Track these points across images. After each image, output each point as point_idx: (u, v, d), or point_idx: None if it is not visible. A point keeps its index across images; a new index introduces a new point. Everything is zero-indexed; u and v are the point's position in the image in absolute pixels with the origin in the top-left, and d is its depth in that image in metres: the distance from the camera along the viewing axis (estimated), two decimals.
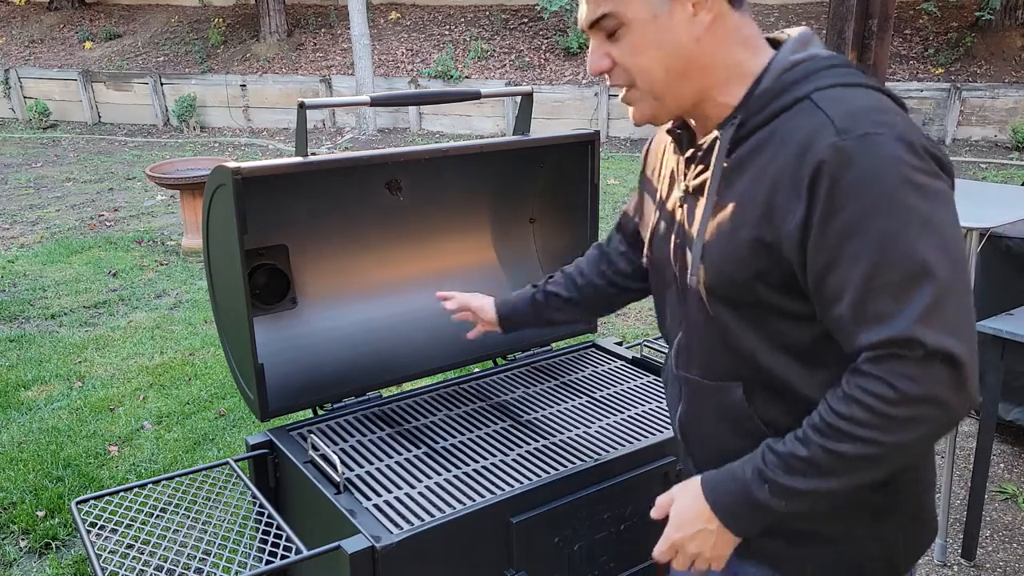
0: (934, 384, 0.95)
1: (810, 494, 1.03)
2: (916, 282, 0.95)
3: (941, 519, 2.70)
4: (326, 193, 1.98)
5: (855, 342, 0.99)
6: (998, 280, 3.17)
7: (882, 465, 1.01)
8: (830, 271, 0.99)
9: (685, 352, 1.22)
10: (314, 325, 2.03)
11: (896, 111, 1.01)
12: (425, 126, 11.75)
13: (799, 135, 1.00)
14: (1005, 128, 9.37)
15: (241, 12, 14.64)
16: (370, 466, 1.73)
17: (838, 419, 1.00)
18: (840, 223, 0.97)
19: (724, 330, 1.13)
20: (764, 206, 1.03)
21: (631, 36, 1.06)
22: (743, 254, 1.05)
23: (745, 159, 1.06)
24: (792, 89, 1.03)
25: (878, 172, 0.95)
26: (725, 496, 1.10)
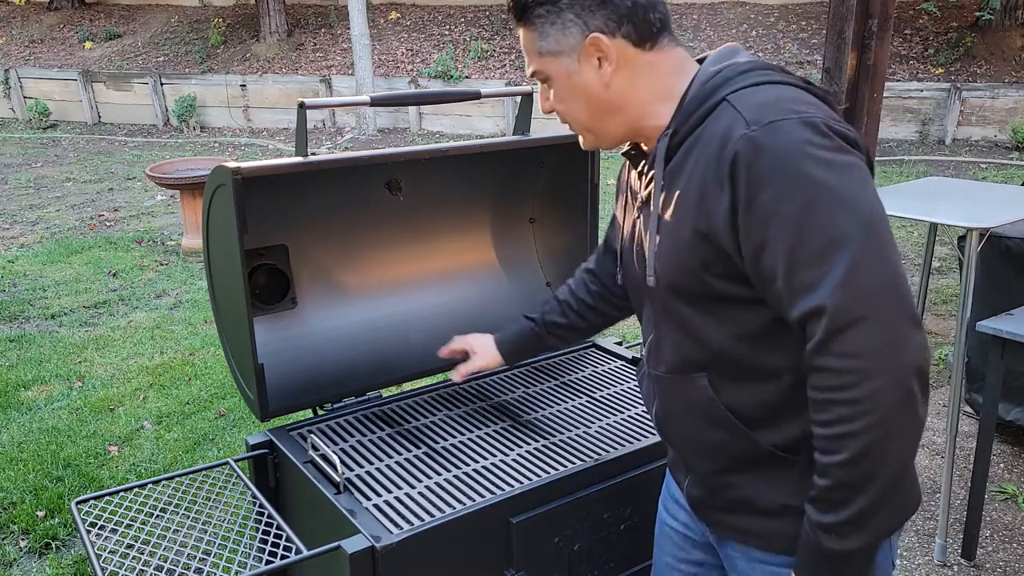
0: (865, 349, 1.01)
1: (871, 510, 1.06)
2: (833, 250, 1.02)
3: (941, 519, 2.70)
4: (326, 193, 1.98)
5: (791, 314, 1.06)
6: (998, 280, 3.17)
7: (896, 442, 1.03)
8: (761, 252, 1.07)
9: (656, 351, 1.30)
10: (314, 325, 2.03)
11: (807, 100, 1.10)
12: (425, 126, 11.75)
13: (718, 133, 1.10)
14: (1005, 128, 9.37)
15: (241, 12, 14.64)
16: (370, 466, 1.73)
17: (826, 428, 1.05)
18: (761, 206, 1.05)
19: (683, 324, 1.21)
20: (697, 200, 1.12)
21: (556, 88, 1.24)
22: (687, 247, 1.15)
23: (680, 163, 1.17)
24: (713, 95, 1.14)
25: (786, 154, 1.04)
26: (809, 566, 1.13)
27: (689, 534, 1.46)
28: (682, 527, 1.47)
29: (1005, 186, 3.24)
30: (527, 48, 1.25)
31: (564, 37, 1.19)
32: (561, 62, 1.21)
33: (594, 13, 1.16)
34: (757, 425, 1.20)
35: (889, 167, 8.65)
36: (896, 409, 1.02)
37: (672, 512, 1.50)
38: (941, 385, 3.91)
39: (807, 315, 1.04)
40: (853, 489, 1.05)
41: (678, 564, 1.49)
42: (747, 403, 1.19)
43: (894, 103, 9.64)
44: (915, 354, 1.02)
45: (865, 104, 3.19)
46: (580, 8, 1.17)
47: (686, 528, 1.46)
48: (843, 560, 1.09)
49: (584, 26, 1.17)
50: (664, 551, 1.52)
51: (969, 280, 2.60)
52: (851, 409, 1.02)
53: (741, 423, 1.20)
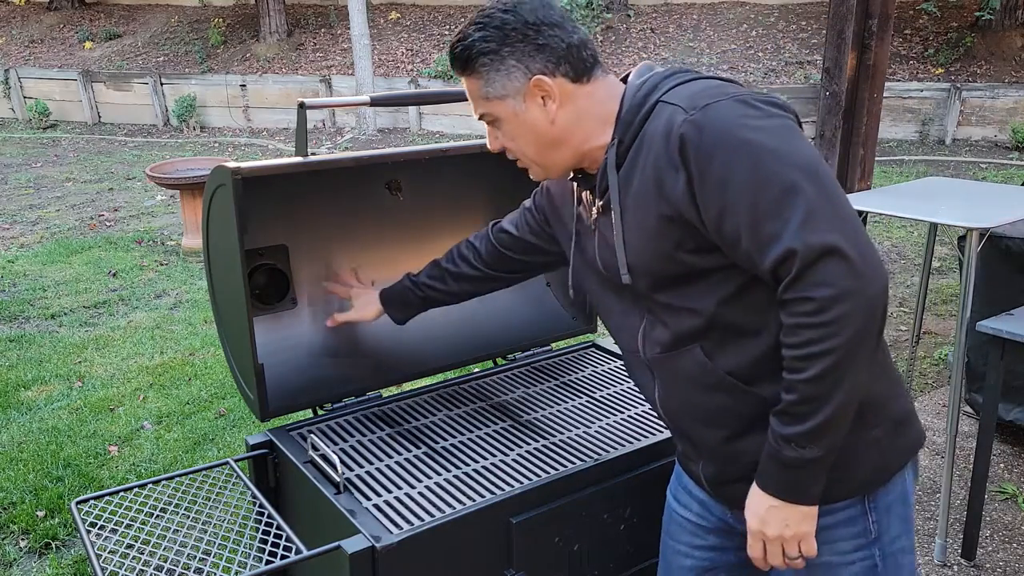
0: (836, 279, 1.11)
1: (828, 423, 1.17)
2: (788, 199, 1.13)
3: (941, 519, 2.70)
4: (326, 193, 1.98)
5: (763, 265, 1.16)
6: (998, 280, 3.17)
7: (853, 363, 1.14)
8: (723, 219, 1.17)
9: (647, 337, 1.37)
10: (314, 325, 2.03)
11: (729, 85, 1.24)
12: (425, 126, 11.75)
13: (661, 127, 1.22)
14: (1005, 128, 9.37)
15: (241, 12, 14.64)
16: (370, 466, 1.73)
17: (796, 350, 1.15)
18: (713, 177, 1.16)
19: (669, 305, 1.31)
20: (655, 189, 1.23)
21: (504, 128, 1.35)
22: (656, 234, 1.25)
23: (631, 166, 1.28)
24: (646, 101, 1.26)
25: (725, 127, 1.16)
26: (768, 474, 1.25)
27: (702, 522, 1.50)
28: (695, 516, 1.51)
29: (1005, 186, 3.24)
30: (473, 94, 1.35)
31: (509, 81, 1.29)
32: (507, 104, 1.31)
33: (534, 58, 1.28)
34: (756, 381, 1.27)
35: (889, 167, 8.65)
36: (861, 330, 1.12)
37: (684, 503, 1.53)
38: (941, 385, 3.91)
39: (778, 261, 1.14)
40: (816, 403, 1.16)
41: (692, 551, 1.52)
42: (742, 363, 1.27)
43: (894, 103, 9.64)
44: (878, 280, 1.13)
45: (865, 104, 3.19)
46: (520, 55, 1.27)
47: (699, 517, 1.50)
48: (800, 467, 1.21)
49: (526, 70, 1.28)
50: (676, 539, 1.55)
51: (969, 280, 2.60)
52: (821, 331, 1.12)
53: (740, 383, 1.27)
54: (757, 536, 1.29)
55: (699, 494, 1.49)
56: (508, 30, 1.27)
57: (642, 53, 11.67)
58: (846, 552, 1.34)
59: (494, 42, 1.27)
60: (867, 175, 3.33)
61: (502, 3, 1.29)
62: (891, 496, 1.34)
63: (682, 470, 1.54)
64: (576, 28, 1.30)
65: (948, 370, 4.02)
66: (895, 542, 1.35)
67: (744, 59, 11.12)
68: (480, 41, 1.28)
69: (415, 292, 1.85)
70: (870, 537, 1.33)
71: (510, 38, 1.27)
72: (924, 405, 3.73)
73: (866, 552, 1.34)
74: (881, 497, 1.33)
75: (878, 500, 1.33)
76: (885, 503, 1.33)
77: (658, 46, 11.78)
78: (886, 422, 1.31)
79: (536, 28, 1.27)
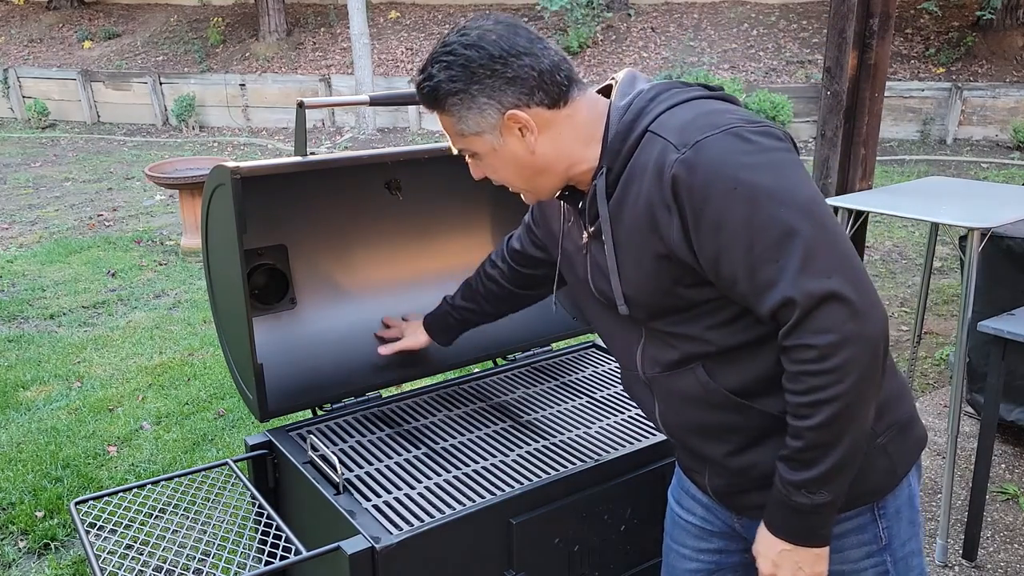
0: (837, 324, 1.09)
1: (837, 467, 1.15)
2: (785, 243, 1.10)
3: (942, 519, 2.69)
4: (325, 193, 1.98)
5: (761, 311, 1.14)
6: (999, 280, 3.16)
7: (860, 406, 1.13)
8: (719, 262, 1.14)
9: (646, 357, 1.35)
10: (313, 325, 2.02)
11: (722, 110, 1.19)
12: (425, 126, 11.74)
13: (652, 162, 1.17)
14: (1006, 128, 9.36)
15: (240, 11, 14.64)
16: (370, 467, 1.73)
17: (801, 397, 1.14)
18: (708, 220, 1.13)
19: (668, 332, 1.29)
20: (649, 226, 1.20)
21: (485, 161, 1.30)
22: (653, 272, 1.22)
23: (621, 197, 1.24)
24: (633, 128, 1.21)
25: (718, 167, 1.12)
26: (780, 520, 1.23)
27: (707, 526, 1.49)
28: (699, 520, 1.50)
29: (1006, 186, 3.24)
30: (448, 130, 1.30)
31: (483, 118, 1.24)
32: (484, 139, 1.26)
33: (505, 92, 1.21)
34: (758, 397, 1.25)
35: (890, 167, 8.65)
36: (865, 374, 1.11)
37: (688, 507, 1.52)
38: (942, 385, 3.91)
39: (777, 308, 1.12)
40: (824, 449, 1.15)
41: (697, 555, 1.51)
42: (744, 380, 1.25)
43: (895, 103, 9.64)
44: (879, 322, 1.11)
45: (866, 103, 3.19)
46: (491, 91, 1.21)
47: (704, 520, 1.49)
48: (811, 512, 1.19)
49: (499, 105, 1.22)
50: (679, 543, 1.54)
51: (970, 280, 2.59)
52: (825, 379, 1.10)
53: (743, 399, 1.25)
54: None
55: (703, 498, 1.48)
56: (474, 68, 1.20)
57: (642, 53, 11.67)
58: (857, 560, 1.33)
59: (461, 81, 1.21)
60: (868, 175, 3.33)
61: (463, 36, 1.21)
62: (899, 500, 1.33)
63: (684, 477, 1.53)
64: (546, 50, 1.22)
65: (949, 370, 4.02)
66: (905, 546, 1.35)
67: (745, 58, 11.12)
68: (447, 81, 1.22)
69: (453, 316, 1.88)
70: (881, 544, 1.32)
71: (477, 75, 1.20)
72: (925, 405, 3.72)
73: (877, 559, 1.33)
74: (890, 502, 1.32)
75: (887, 506, 1.32)
76: (894, 507, 1.33)
77: (659, 45, 11.78)
78: (892, 427, 1.30)
79: (503, 61, 1.19)
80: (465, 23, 1.24)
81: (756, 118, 1.19)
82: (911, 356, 3.58)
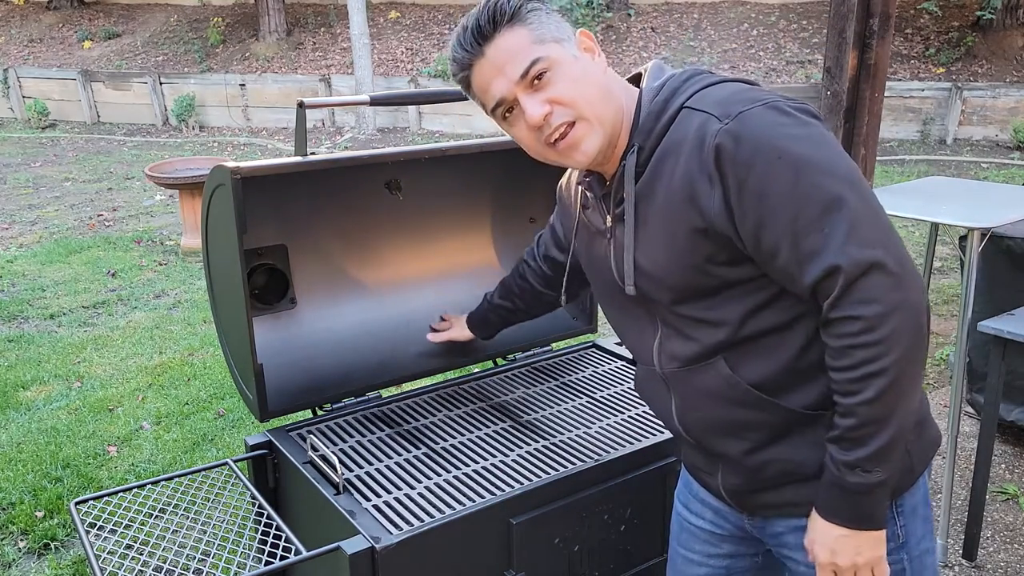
0: (882, 293, 1.08)
1: (891, 443, 1.14)
2: (831, 213, 1.09)
3: (942, 519, 2.69)
4: (325, 193, 1.98)
5: (803, 282, 1.13)
6: (999, 280, 3.16)
7: (909, 377, 1.12)
8: (761, 231, 1.13)
9: (663, 351, 1.33)
10: (313, 325, 2.02)
11: (753, 88, 1.21)
12: (425, 126, 11.74)
13: (691, 135, 1.17)
14: (1006, 128, 9.36)
15: (240, 11, 14.63)
16: (370, 467, 1.73)
17: (850, 372, 1.12)
18: (751, 189, 1.12)
19: (693, 317, 1.26)
20: (687, 200, 1.18)
21: (562, 71, 1.23)
22: (686, 248, 1.20)
23: (654, 174, 1.22)
24: (667, 107, 1.22)
25: (763, 137, 1.12)
26: (833, 504, 1.21)
27: (717, 530, 1.47)
28: (709, 524, 1.48)
29: (1006, 186, 3.24)
30: (520, 44, 1.21)
31: (560, 27, 1.25)
32: (564, 47, 1.24)
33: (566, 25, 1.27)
34: (781, 393, 1.24)
35: (890, 167, 8.65)
36: (913, 343, 1.10)
37: (696, 511, 1.50)
38: (942, 385, 3.91)
39: (821, 277, 1.10)
40: (877, 425, 1.13)
41: (706, 560, 1.50)
42: (767, 374, 1.23)
43: (895, 103, 9.63)
44: (920, 292, 1.11)
45: (866, 103, 3.19)
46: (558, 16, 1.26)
47: (713, 525, 1.47)
48: (866, 493, 1.17)
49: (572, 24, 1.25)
50: (688, 548, 1.53)
51: (970, 280, 2.59)
52: (874, 350, 1.09)
53: (767, 395, 1.24)
54: (828, 568, 1.23)
55: (713, 502, 1.46)
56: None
57: (642, 53, 11.67)
58: None
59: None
60: (868, 175, 3.33)
61: None
62: (916, 498, 1.32)
63: (692, 478, 1.51)
64: None
65: (949, 370, 4.02)
66: (920, 544, 1.34)
67: (745, 58, 11.12)
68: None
69: (491, 314, 1.95)
70: (899, 542, 1.31)
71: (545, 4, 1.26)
72: None
73: (895, 557, 1.31)
74: (907, 500, 1.31)
75: (904, 503, 1.31)
76: (911, 505, 1.32)
77: (659, 45, 11.78)
78: (915, 426, 1.28)
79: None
80: None
81: (791, 96, 1.20)
82: None
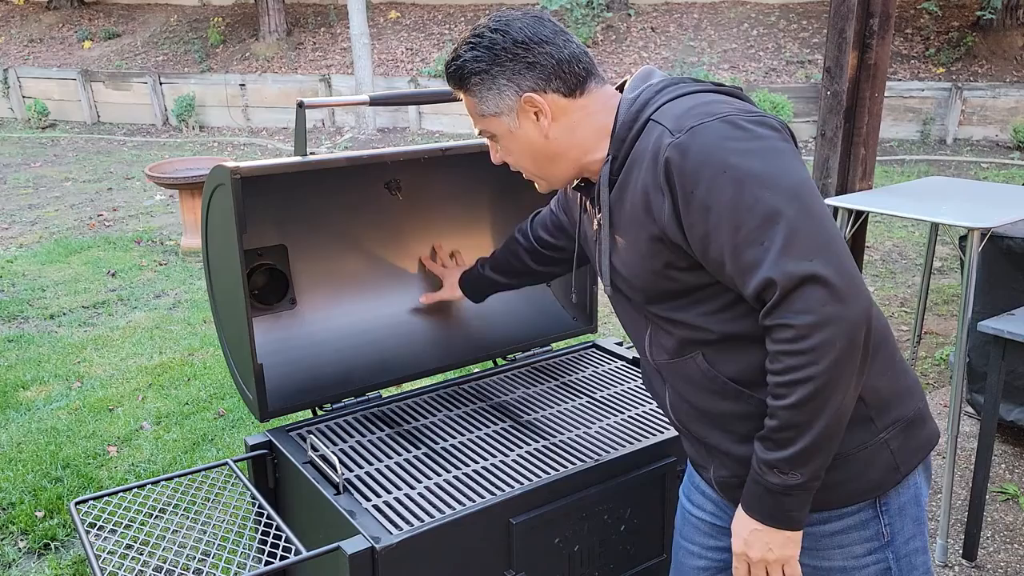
0: (815, 305, 1.11)
1: (810, 449, 1.17)
2: (768, 226, 1.13)
3: (942, 519, 2.69)
4: (325, 193, 1.98)
5: (746, 291, 1.17)
6: (999, 280, 3.16)
7: (838, 389, 1.15)
8: (707, 243, 1.18)
9: (656, 344, 1.38)
10: (313, 325, 2.02)
11: (719, 100, 1.23)
12: (425, 126, 11.74)
13: (649, 148, 1.22)
14: (1006, 128, 9.36)
15: (240, 11, 14.64)
16: (370, 467, 1.73)
17: (778, 376, 1.16)
18: (697, 202, 1.16)
19: (667, 317, 1.32)
20: (644, 209, 1.24)
21: (502, 143, 1.38)
22: (648, 253, 1.27)
23: (623, 183, 1.28)
24: (638, 118, 1.26)
25: (709, 151, 1.16)
26: (752, 499, 1.26)
27: (717, 522, 1.49)
28: (710, 516, 1.50)
29: (1006, 186, 3.24)
30: (470, 110, 1.37)
31: (501, 99, 1.31)
32: (502, 121, 1.33)
33: (524, 75, 1.29)
34: (758, 386, 1.26)
35: (890, 167, 8.65)
36: (843, 356, 1.12)
37: (698, 503, 1.53)
38: (942, 386, 3.91)
39: (760, 289, 1.14)
40: (797, 429, 1.17)
41: (705, 552, 1.52)
42: (743, 369, 1.27)
43: (895, 102, 9.63)
44: (860, 307, 1.13)
45: (866, 103, 3.19)
46: (511, 73, 1.29)
47: (714, 517, 1.50)
48: (783, 494, 1.22)
49: (517, 88, 1.30)
50: (689, 540, 1.55)
51: (970, 280, 2.59)
52: (801, 359, 1.13)
53: (744, 388, 1.27)
54: (741, 558, 1.30)
55: (713, 494, 1.49)
56: (497, 50, 1.29)
57: (642, 52, 11.67)
58: (859, 556, 1.34)
59: (484, 62, 1.29)
60: (868, 175, 3.33)
61: (493, 22, 1.30)
62: (903, 498, 1.33)
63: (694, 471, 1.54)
64: (569, 42, 1.31)
65: (949, 370, 4.02)
66: (908, 543, 1.35)
67: (745, 58, 11.12)
68: (471, 61, 1.30)
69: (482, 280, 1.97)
70: (883, 540, 1.33)
71: (500, 58, 1.29)
72: None
73: (879, 555, 1.33)
74: (892, 499, 1.32)
75: (890, 502, 1.32)
76: (897, 505, 1.33)
77: (659, 45, 11.78)
78: (895, 424, 1.31)
79: (525, 46, 1.28)
80: (497, 14, 1.33)
81: (754, 109, 1.23)
82: (911, 356, 3.58)
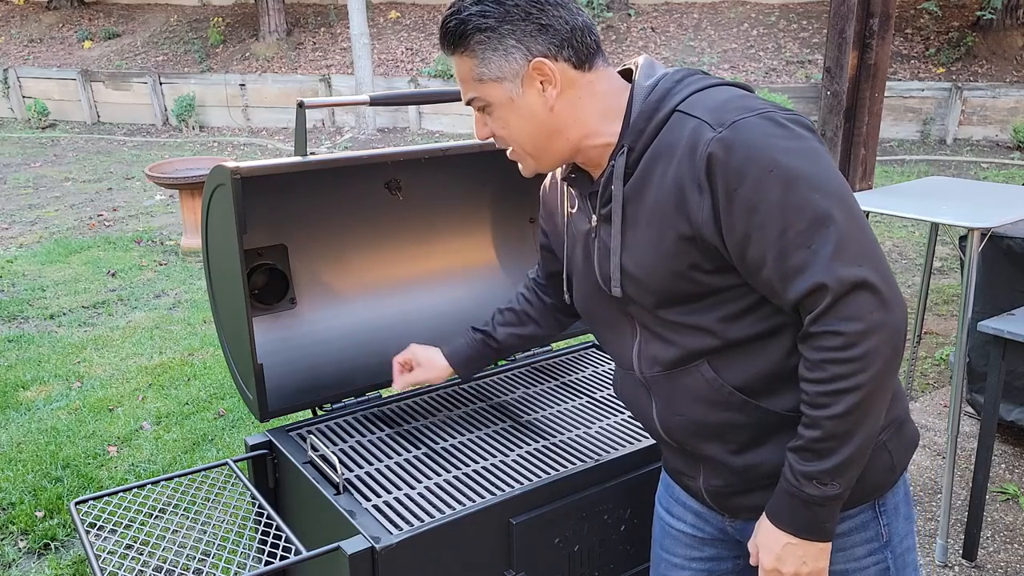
0: (865, 312, 1.08)
1: (851, 459, 1.14)
2: (819, 229, 1.08)
3: (942, 519, 2.69)
4: (325, 193, 1.98)
5: (787, 296, 1.12)
6: (999, 280, 3.16)
7: (879, 396, 1.12)
8: (747, 244, 1.12)
9: (643, 355, 1.32)
10: (313, 325, 2.02)
11: (747, 95, 1.17)
12: (425, 126, 11.74)
13: (683, 140, 1.14)
14: (1006, 128, 9.36)
15: (240, 11, 14.64)
16: (370, 467, 1.73)
17: (822, 385, 1.12)
18: (741, 201, 1.10)
19: (674, 322, 1.25)
20: (675, 207, 1.16)
21: (497, 113, 1.24)
22: (672, 253, 1.18)
23: (644, 176, 1.20)
24: (660, 108, 1.18)
25: (756, 148, 1.09)
26: (785, 512, 1.21)
27: (698, 533, 1.46)
28: (691, 528, 1.47)
29: (1006, 186, 3.24)
30: (464, 76, 1.23)
31: (507, 63, 1.19)
32: (503, 87, 1.21)
33: (535, 38, 1.18)
34: (766, 395, 1.23)
35: (890, 167, 8.65)
36: (888, 364, 1.10)
37: (677, 515, 1.49)
38: (942, 385, 3.91)
39: (806, 293, 1.09)
40: (841, 440, 1.13)
41: (688, 563, 1.49)
42: (750, 378, 1.23)
43: (895, 102, 9.63)
44: (903, 313, 1.11)
45: (866, 103, 3.19)
46: (521, 34, 1.17)
47: (695, 528, 1.47)
48: (820, 505, 1.18)
49: (527, 51, 1.18)
50: (670, 552, 1.52)
51: (970, 280, 2.59)
52: (850, 367, 1.09)
53: (750, 398, 1.23)
54: (772, 574, 1.24)
55: (694, 505, 1.45)
56: (509, 5, 1.16)
57: (643, 52, 11.67)
58: (860, 558, 1.33)
59: (493, 18, 1.16)
60: (868, 175, 3.33)
61: None
62: (897, 497, 1.33)
63: (672, 482, 1.50)
64: (580, 10, 1.21)
65: (949, 370, 4.02)
66: (903, 542, 1.35)
67: (745, 58, 11.12)
68: (477, 16, 1.17)
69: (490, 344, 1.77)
70: (882, 541, 1.32)
71: (511, 15, 1.16)
72: (925, 405, 3.73)
73: (879, 556, 1.33)
74: (889, 499, 1.32)
75: (887, 503, 1.32)
76: (893, 504, 1.33)
77: (659, 45, 11.78)
78: (892, 424, 1.30)
79: (540, 6, 1.17)
80: None
81: (784, 107, 1.18)
82: (911, 356, 3.58)
